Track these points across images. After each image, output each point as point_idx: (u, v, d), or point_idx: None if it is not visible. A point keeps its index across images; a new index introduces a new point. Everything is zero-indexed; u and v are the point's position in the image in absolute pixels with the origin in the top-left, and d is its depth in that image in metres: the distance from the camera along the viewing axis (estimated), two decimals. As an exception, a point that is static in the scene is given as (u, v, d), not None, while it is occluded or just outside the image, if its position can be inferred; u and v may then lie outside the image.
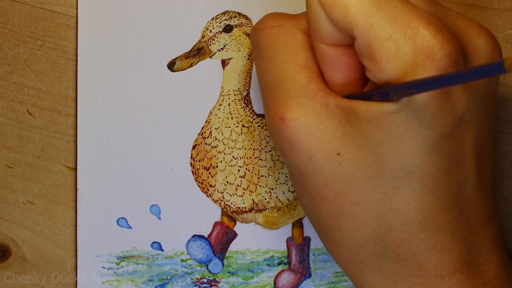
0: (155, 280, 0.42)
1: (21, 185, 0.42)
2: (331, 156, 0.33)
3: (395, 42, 0.31)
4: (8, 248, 0.42)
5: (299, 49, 0.34)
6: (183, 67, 0.42)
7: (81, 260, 0.42)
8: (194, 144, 0.42)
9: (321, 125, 0.33)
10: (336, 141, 0.33)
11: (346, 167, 0.33)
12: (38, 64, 0.42)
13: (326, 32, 0.33)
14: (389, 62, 0.31)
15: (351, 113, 0.33)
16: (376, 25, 0.31)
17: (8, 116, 0.42)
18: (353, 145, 0.33)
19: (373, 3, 0.32)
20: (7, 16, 0.42)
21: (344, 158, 0.33)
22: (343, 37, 0.33)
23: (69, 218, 0.42)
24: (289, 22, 0.35)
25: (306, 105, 0.34)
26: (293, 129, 0.33)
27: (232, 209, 0.42)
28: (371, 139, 0.32)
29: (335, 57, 0.34)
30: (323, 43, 0.33)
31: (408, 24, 0.31)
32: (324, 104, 0.33)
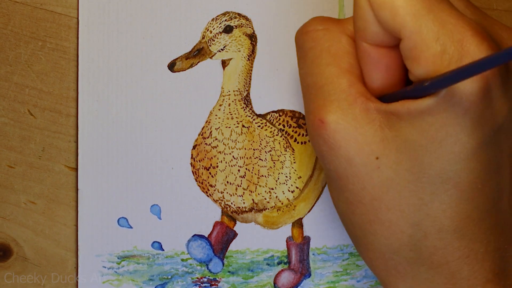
0: (156, 280, 0.42)
1: (22, 185, 0.42)
2: (369, 160, 0.33)
3: (442, 44, 0.31)
4: (9, 247, 0.42)
5: (343, 54, 0.35)
6: (183, 67, 0.42)
7: (82, 259, 0.42)
8: (195, 144, 0.42)
9: (361, 129, 0.33)
10: (375, 145, 0.33)
11: (384, 171, 0.33)
12: (39, 65, 0.42)
13: (371, 31, 0.33)
14: (434, 64, 0.31)
15: (391, 117, 0.33)
16: (424, 27, 0.31)
17: (9, 116, 0.42)
18: (392, 149, 0.33)
19: (422, 5, 0.31)
20: (8, 17, 0.42)
21: (383, 162, 0.33)
22: (388, 38, 0.33)
23: (70, 218, 0.42)
24: (335, 26, 0.35)
25: (346, 109, 0.34)
26: (332, 132, 0.33)
27: (232, 209, 0.42)
28: (411, 143, 0.32)
29: (376, 58, 0.34)
30: (366, 42, 0.33)
31: (457, 29, 0.31)
32: (364, 109, 0.33)
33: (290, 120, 0.42)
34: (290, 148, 0.42)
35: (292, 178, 0.42)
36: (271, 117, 0.42)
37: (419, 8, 0.32)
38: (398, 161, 0.33)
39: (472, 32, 0.31)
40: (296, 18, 0.43)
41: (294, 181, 0.42)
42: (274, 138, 0.42)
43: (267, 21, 0.43)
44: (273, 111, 0.42)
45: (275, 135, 0.42)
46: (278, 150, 0.42)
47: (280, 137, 0.42)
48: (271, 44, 0.43)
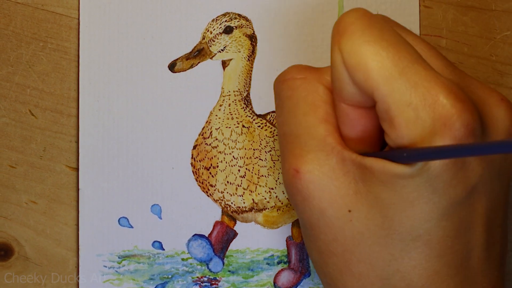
0: (156, 279, 0.42)
1: (24, 185, 0.42)
2: (342, 212, 0.33)
3: (414, 109, 0.31)
4: (11, 247, 0.42)
5: (320, 103, 0.34)
6: (183, 68, 0.42)
7: (83, 259, 0.42)
8: (195, 144, 0.42)
9: (335, 181, 0.33)
10: (349, 198, 0.33)
11: (356, 224, 0.33)
12: (40, 65, 0.42)
13: (348, 92, 0.33)
14: (407, 129, 0.31)
15: (365, 171, 0.33)
16: (397, 91, 0.31)
17: (11, 117, 0.42)
18: (365, 204, 0.33)
19: (395, 69, 0.31)
20: (10, 18, 0.42)
21: (355, 215, 0.33)
22: (364, 99, 0.33)
23: (71, 217, 0.42)
24: (312, 76, 0.35)
25: (322, 159, 0.33)
26: (306, 183, 0.33)
27: (232, 209, 0.42)
28: (383, 200, 0.32)
29: (354, 118, 0.33)
30: (344, 102, 0.33)
31: (429, 92, 0.31)
32: (341, 159, 0.33)
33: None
34: None
35: None
36: (271, 117, 0.42)
37: (392, 71, 0.31)
38: (369, 216, 0.33)
39: (445, 94, 0.31)
40: (296, 18, 0.43)
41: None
42: (274, 138, 0.42)
43: (267, 22, 0.43)
44: (273, 111, 0.42)
45: (275, 135, 0.42)
46: (278, 150, 0.42)
47: None
48: (271, 45, 0.43)
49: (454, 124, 0.31)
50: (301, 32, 0.43)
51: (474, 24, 0.43)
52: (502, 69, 0.43)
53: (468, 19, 0.43)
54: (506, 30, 0.43)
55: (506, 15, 0.43)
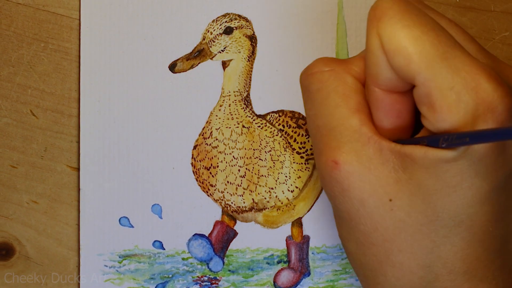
0: (157, 279, 0.42)
1: (25, 184, 0.42)
2: (383, 201, 0.33)
3: (457, 93, 0.31)
4: (12, 246, 0.42)
5: (351, 94, 0.34)
6: (184, 68, 0.42)
7: (84, 258, 0.42)
8: (195, 145, 0.42)
9: (375, 171, 0.33)
10: (389, 187, 0.33)
11: (397, 213, 0.33)
12: (41, 66, 0.42)
13: (384, 77, 0.33)
14: (450, 112, 0.31)
15: (406, 159, 0.33)
16: (439, 75, 0.31)
17: (12, 117, 0.42)
18: (406, 192, 0.33)
19: (437, 53, 0.31)
20: (11, 19, 0.42)
21: (396, 204, 0.33)
22: (401, 84, 0.33)
23: (72, 217, 0.42)
24: (339, 67, 0.35)
25: (359, 150, 0.33)
26: (346, 174, 0.33)
27: (232, 208, 0.42)
28: (425, 186, 0.32)
29: (389, 103, 0.34)
30: (379, 87, 0.33)
31: (471, 76, 0.31)
32: (378, 149, 0.33)
33: (290, 121, 0.42)
34: (289, 148, 0.42)
35: (292, 178, 0.42)
36: (270, 118, 0.42)
37: (433, 55, 0.31)
38: (411, 204, 0.33)
39: (486, 78, 0.31)
40: (296, 19, 0.43)
41: (294, 180, 0.42)
42: (274, 138, 0.42)
43: (267, 23, 0.43)
44: (273, 111, 0.42)
45: (274, 135, 0.42)
46: (277, 150, 0.42)
47: (280, 137, 0.42)
48: (271, 46, 0.43)
49: (497, 108, 0.31)
50: (300, 33, 0.43)
51: (473, 25, 0.43)
52: None
53: (467, 20, 0.43)
54: (504, 31, 0.43)
55: (504, 16, 0.43)
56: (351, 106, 0.34)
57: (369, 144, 0.33)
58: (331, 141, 0.34)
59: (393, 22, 0.31)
